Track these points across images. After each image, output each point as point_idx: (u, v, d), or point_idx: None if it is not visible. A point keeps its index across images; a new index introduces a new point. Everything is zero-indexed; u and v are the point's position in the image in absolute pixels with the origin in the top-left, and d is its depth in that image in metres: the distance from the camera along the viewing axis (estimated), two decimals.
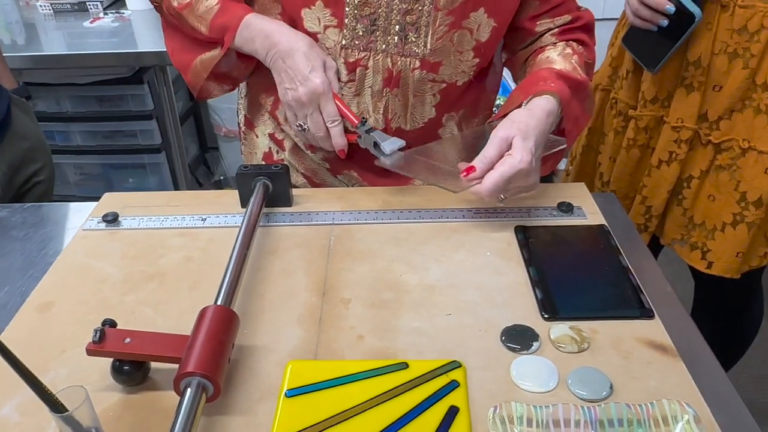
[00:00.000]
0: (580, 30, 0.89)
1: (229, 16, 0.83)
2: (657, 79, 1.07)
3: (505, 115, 0.78)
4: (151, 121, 2.04)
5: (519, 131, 0.74)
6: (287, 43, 0.80)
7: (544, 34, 0.89)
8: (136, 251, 0.77)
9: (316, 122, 0.82)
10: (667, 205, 1.14)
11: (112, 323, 0.57)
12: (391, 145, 0.81)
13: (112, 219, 0.82)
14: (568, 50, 0.86)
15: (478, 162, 0.73)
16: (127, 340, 0.56)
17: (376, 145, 0.81)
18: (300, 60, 0.80)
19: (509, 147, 0.73)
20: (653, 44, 1.02)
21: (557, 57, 0.85)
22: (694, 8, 0.93)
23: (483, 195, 0.73)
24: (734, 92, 0.99)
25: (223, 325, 0.57)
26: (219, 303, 0.60)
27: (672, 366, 0.59)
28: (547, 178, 2.34)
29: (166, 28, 0.94)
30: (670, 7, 0.94)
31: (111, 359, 0.57)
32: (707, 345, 0.64)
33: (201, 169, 2.59)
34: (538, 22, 0.88)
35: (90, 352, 0.55)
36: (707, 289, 1.28)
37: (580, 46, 0.88)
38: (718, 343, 1.32)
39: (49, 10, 2.03)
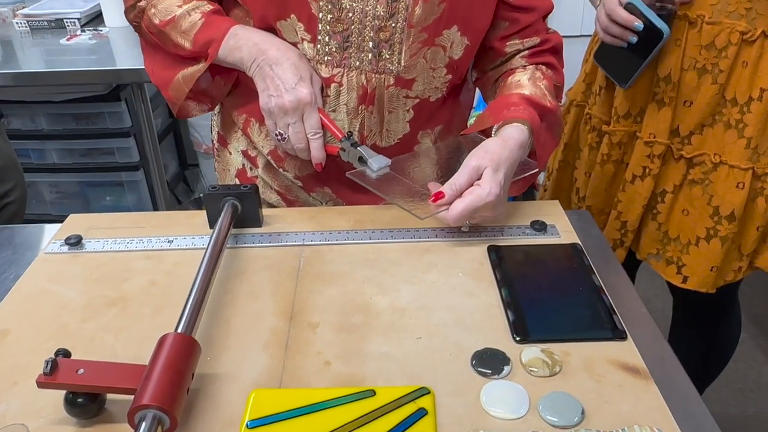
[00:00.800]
0: (549, 52, 0.89)
1: (214, 29, 0.83)
2: (629, 94, 1.07)
3: (478, 141, 0.78)
4: (128, 139, 2.02)
5: (491, 162, 0.74)
6: (277, 51, 0.80)
7: (514, 56, 0.89)
8: (99, 275, 0.75)
9: (297, 133, 0.81)
10: (642, 220, 1.14)
11: (66, 353, 0.55)
12: (378, 162, 0.80)
13: (75, 242, 0.79)
14: (538, 74, 0.86)
15: (448, 188, 0.73)
16: (81, 371, 0.53)
17: (361, 160, 0.80)
18: (288, 69, 0.79)
19: (479, 176, 0.74)
20: (624, 60, 1.02)
21: (527, 81, 0.85)
22: (662, 25, 0.94)
23: (449, 222, 0.74)
24: (704, 107, 1.00)
25: (182, 353, 0.55)
26: (180, 330, 0.58)
27: (644, 389, 0.58)
28: (528, 193, 2.33)
29: (145, 48, 0.93)
30: (639, 24, 0.95)
31: (64, 391, 0.54)
32: (681, 366, 0.63)
33: (180, 187, 2.56)
34: (507, 43, 0.88)
35: (41, 384, 0.53)
36: (685, 303, 1.28)
37: (549, 70, 0.89)
38: (699, 356, 1.33)
39: (26, 27, 2.01)
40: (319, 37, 0.80)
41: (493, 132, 0.81)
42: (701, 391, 1.43)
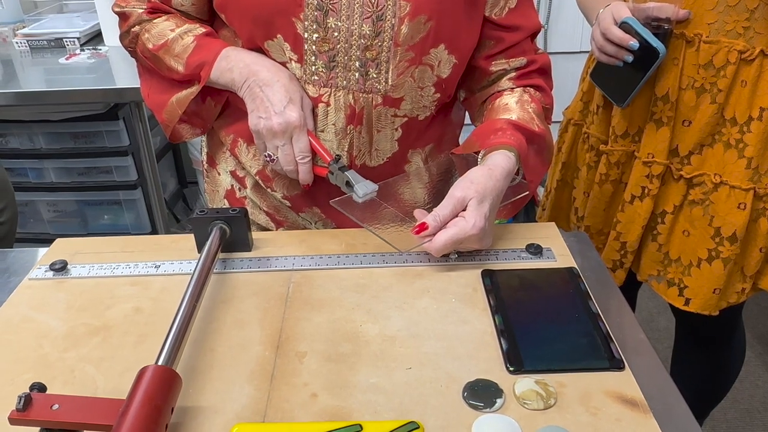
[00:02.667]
0: (537, 73, 0.88)
1: (206, 52, 0.82)
2: (627, 114, 1.06)
3: (471, 160, 0.78)
4: (126, 158, 2.01)
5: (476, 193, 0.73)
6: (268, 72, 0.79)
7: (502, 76, 0.88)
8: (82, 302, 0.73)
9: (286, 155, 0.80)
10: (642, 241, 1.12)
11: (41, 387, 0.53)
12: (364, 188, 0.79)
13: (60, 267, 0.78)
14: (526, 96, 0.85)
15: (431, 220, 0.72)
16: (56, 406, 0.51)
17: (348, 184, 0.79)
18: (279, 91, 0.78)
19: (464, 208, 0.73)
20: (620, 80, 1.01)
21: (514, 105, 0.84)
22: (657, 44, 0.93)
23: (432, 253, 0.73)
24: (703, 127, 0.98)
25: (161, 387, 0.53)
26: (161, 362, 0.56)
27: (643, 423, 0.56)
28: (529, 210, 2.30)
29: (141, 72, 0.93)
30: (634, 43, 0.94)
31: (38, 428, 0.52)
32: (681, 397, 0.61)
33: (179, 205, 2.55)
34: (493, 62, 0.87)
35: (12, 421, 0.51)
36: (688, 324, 1.26)
37: (538, 92, 0.87)
38: (704, 377, 1.30)
39: (26, 46, 2.02)
40: (306, 57, 0.79)
41: (479, 158, 0.80)
42: (707, 413, 1.40)
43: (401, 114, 0.83)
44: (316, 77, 0.80)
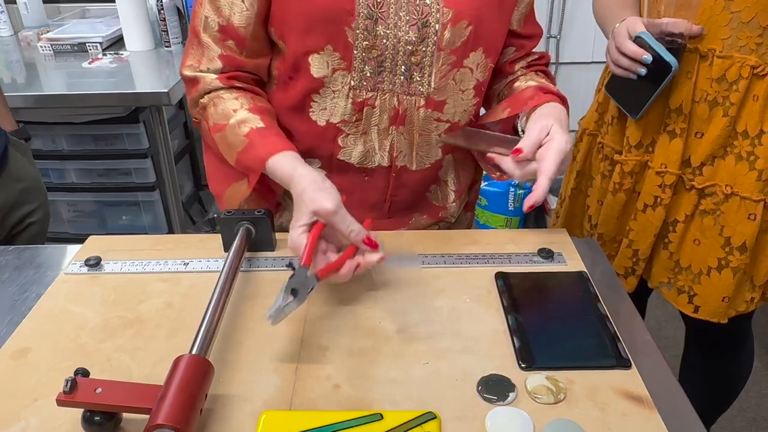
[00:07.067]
0: (543, 65, 0.98)
1: (252, 156, 0.80)
2: (641, 125, 1.08)
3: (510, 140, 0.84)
4: (145, 160, 2.06)
5: (556, 120, 0.80)
6: (300, 199, 0.75)
7: (517, 72, 0.97)
8: (116, 296, 0.77)
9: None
10: (653, 249, 1.14)
11: (84, 372, 0.57)
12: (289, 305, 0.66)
13: (94, 263, 0.82)
14: (540, 76, 0.95)
15: (524, 144, 0.79)
16: (99, 390, 0.55)
17: (293, 292, 0.67)
18: (295, 209, 0.75)
19: (547, 134, 0.79)
20: (634, 92, 1.04)
21: (533, 81, 0.93)
22: (670, 59, 0.95)
23: (546, 175, 0.76)
24: (715, 139, 1.01)
25: (196, 375, 0.57)
26: (194, 351, 0.60)
27: (648, 418, 0.59)
28: (539, 218, 2.33)
29: (206, 149, 0.95)
30: (647, 57, 0.96)
31: (82, 409, 0.56)
32: (686, 396, 0.64)
33: (195, 207, 2.60)
34: (516, 66, 0.96)
35: (60, 402, 0.55)
36: (697, 331, 1.28)
37: (546, 76, 0.97)
38: (711, 385, 1.32)
39: (50, 50, 2.07)
40: (355, 64, 0.82)
41: (519, 123, 0.88)
42: (714, 420, 1.41)
43: (444, 119, 0.88)
44: (364, 82, 0.84)
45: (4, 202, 1.15)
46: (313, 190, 0.73)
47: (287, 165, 0.78)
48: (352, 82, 0.83)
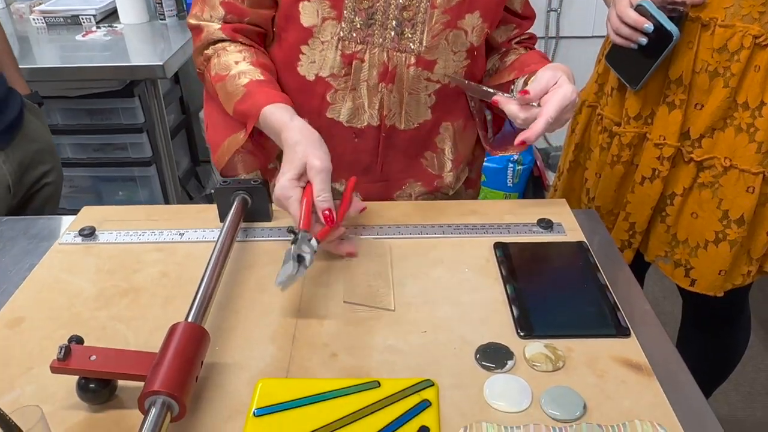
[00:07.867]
0: (531, 42, 1.00)
1: (250, 104, 0.81)
2: (640, 96, 1.07)
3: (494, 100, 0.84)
4: (141, 135, 2.04)
5: (563, 71, 0.81)
6: (288, 141, 0.76)
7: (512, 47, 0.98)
8: (111, 266, 0.76)
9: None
10: (650, 222, 1.14)
11: (78, 340, 0.57)
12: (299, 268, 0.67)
13: (89, 233, 0.81)
14: (534, 51, 0.96)
15: (531, 87, 0.78)
16: (93, 357, 0.55)
17: (298, 258, 0.67)
18: (285, 160, 0.75)
19: (555, 83, 0.79)
20: (634, 62, 1.02)
21: (524, 52, 0.94)
22: (671, 27, 0.94)
23: (546, 118, 0.76)
24: (715, 111, 1.00)
25: (192, 342, 0.56)
26: (190, 320, 0.59)
27: (646, 385, 0.58)
28: (537, 192, 2.33)
29: (206, 99, 0.95)
30: (649, 26, 0.95)
31: (77, 377, 0.56)
32: (684, 364, 0.64)
33: (192, 183, 2.58)
34: (512, 43, 0.97)
35: (54, 369, 0.54)
36: (694, 305, 1.28)
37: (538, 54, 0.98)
38: (708, 358, 1.32)
39: (42, 23, 2.04)
40: (345, 14, 0.81)
41: (515, 89, 0.88)
42: (709, 394, 1.42)
43: (434, 79, 0.87)
44: (354, 33, 0.82)
45: (21, 160, 1.19)
46: (308, 145, 0.74)
47: (284, 113, 0.79)
48: (342, 33, 0.82)
